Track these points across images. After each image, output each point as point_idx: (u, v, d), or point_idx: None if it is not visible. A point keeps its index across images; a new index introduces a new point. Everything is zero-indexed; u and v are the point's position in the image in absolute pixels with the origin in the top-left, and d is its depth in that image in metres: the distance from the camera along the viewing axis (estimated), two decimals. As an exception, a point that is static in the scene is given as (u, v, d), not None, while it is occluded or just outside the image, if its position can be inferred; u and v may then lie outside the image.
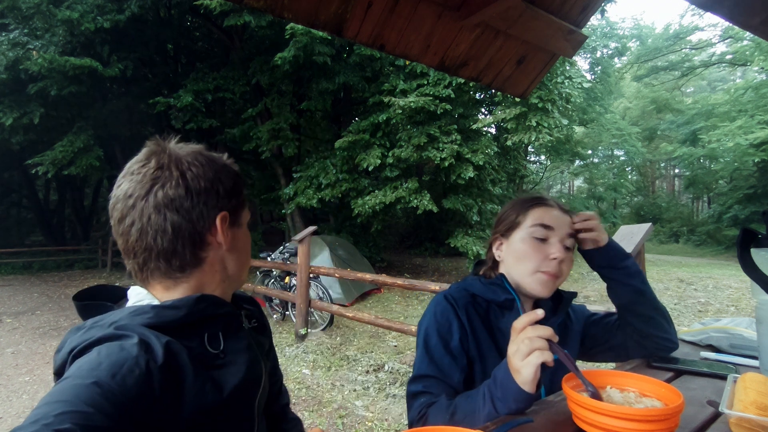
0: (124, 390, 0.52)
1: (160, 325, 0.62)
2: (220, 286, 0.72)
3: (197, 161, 0.68)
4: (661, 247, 21.34)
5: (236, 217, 0.72)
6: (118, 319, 0.61)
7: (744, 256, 0.89)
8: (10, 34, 9.82)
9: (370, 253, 11.09)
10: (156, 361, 0.57)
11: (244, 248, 0.75)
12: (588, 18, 1.63)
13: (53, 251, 15.44)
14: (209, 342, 0.67)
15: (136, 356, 0.55)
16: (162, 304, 0.65)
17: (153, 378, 0.56)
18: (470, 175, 9.19)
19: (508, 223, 1.00)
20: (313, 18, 1.30)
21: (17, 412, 3.57)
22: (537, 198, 0.99)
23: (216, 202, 0.69)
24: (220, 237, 0.69)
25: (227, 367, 0.68)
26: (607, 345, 1.07)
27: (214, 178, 0.69)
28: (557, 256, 0.91)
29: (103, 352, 0.55)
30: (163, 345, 0.59)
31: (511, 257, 0.98)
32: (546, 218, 0.94)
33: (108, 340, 0.58)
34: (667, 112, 25.58)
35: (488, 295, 0.97)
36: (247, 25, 9.47)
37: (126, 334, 0.58)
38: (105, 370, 0.53)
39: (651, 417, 0.62)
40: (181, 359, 0.61)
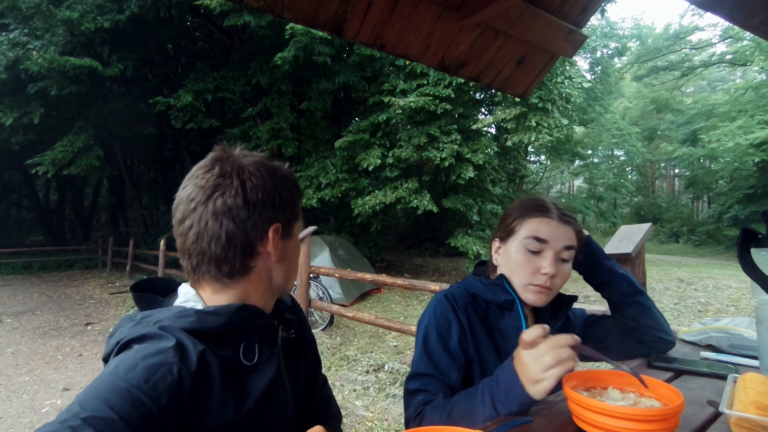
0: (154, 398, 0.55)
1: (200, 330, 0.64)
2: (264, 296, 0.74)
3: (258, 171, 0.70)
4: (661, 247, 21.34)
5: (289, 228, 0.74)
6: (163, 318, 0.64)
7: (744, 256, 0.89)
8: (10, 34, 9.82)
9: (370, 253, 11.09)
10: (189, 368, 0.60)
11: (293, 259, 0.76)
12: (588, 18, 1.63)
13: (53, 251, 15.45)
14: (244, 352, 0.69)
15: (171, 363, 0.58)
16: (204, 310, 0.67)
17: (184, 385, 0.58)
18: (470, 175, 9.19)
19: (506, 228, 0.99)
20: (313, 18, 1.30)
21: (17, 412, 3.57)
22: (538, 206, 0.97)
23: (271, 213, 0.70)
24: (270, 247, 0.70)
25: (256, 380, 0.69)
26: (606, 343, 1.08)
27: (273, 189, 0.70)
28: (547, 272, 0.91)
29: (141, 353, 0.58)
30: (198, 354, 0.61)
31: (506, 265, 0.99)
32: (541, 231, 0.93)
33: (149, 339, 0.61)
34: (667, 112, 25.57)
35: (488, 295, 0.97)
36: (247, 25, 9.47)
37: (166, 336, 0.61)
38: (140, 373, 0.55)
39: (651, 417, 0.62)
40: (212, 371, 0.63)
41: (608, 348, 1.08)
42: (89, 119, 11.37)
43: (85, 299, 8.77)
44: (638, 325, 1.02)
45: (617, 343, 1.06)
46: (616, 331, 1.06)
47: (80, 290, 9.90)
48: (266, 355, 0.72)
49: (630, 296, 1.03)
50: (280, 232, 0.71)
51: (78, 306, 8.06)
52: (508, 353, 0.92)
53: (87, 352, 5.18)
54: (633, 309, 1.02)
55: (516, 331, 0.95)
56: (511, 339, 0.95)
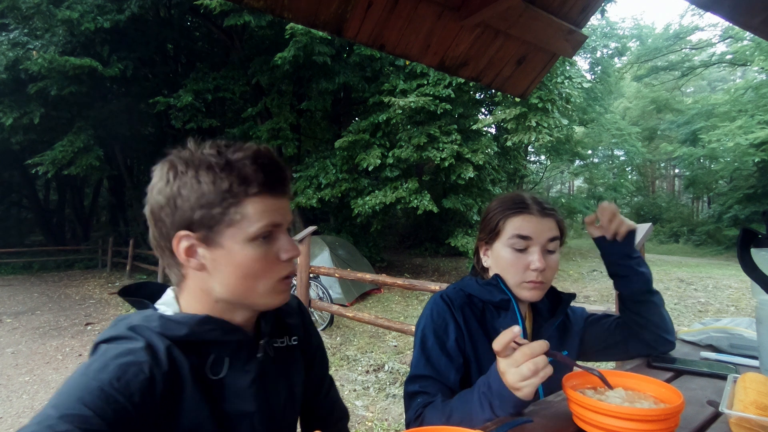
0: (127, 395, 0.55)
1: (166, 336, 0.64)
2: (216, 308, 0.68)
3: (169, 164, 0.64)
4: (661, 247, 21.33)
5: (213, 235, 0.63)
6: (134, 320, 0.64)
7: (744, 256, 0.89)
8: (10, 34, 9.82)
9: (370, 253, 11.09)
10: (161, 368, 0.60)
11: (235, 269, 0.65)
12: (588, 18, 1.63)
13: (53, 251, 15.44)
14: (212, 366, 0.66)
15: (142, 362, 0.58)
16: (169, 316, 0.66)
17: (156, 384, 0.58)
18: (470, 175, 9.19)
19: (489, 230, 1.00)
20: (313, 18, 1.30)
21: (17, 412, 3.57)
22: (517, 203, 0.97)
23: (172, 219, 0.64)
24: (182, 257, 0.65)
25: (225, 396, 0.66)
26: (606, 343, 1.08)
27: (177, 190, 0.63)
28: (537, 267, 0.92)
29: (110, 353, 0.59)
30: (166, 352, 0.61)
31: (496, 266, 0.99)
32: (525, 228, 0.94)
33: (118, 339, 0.61)
34: (667, 112, 25.56)
35: (484, 295, 0.98)
36: (247, 25, 9.47)
37: (135, 336, 0.61)
38: (111, 372, 0.55)
39: (651, 417, 0.62)
40: (183, 372, 0.62)
41: (609, 348, 1.08)
42: (89, 119, 11.36)
43: (85, 299, 8.77)
44: (645, 323, 1.02)
45: (619, 343, 1.06)
46: (618, 331, 1.06)
47: (80, 290, 9.89)
48: (238, 369, 0.68)
49: (644, 294, 1.02)
50: (193, 240, 0.64)
51: (78, 306, 8.06)
52: None
53: (87, 352, 5.16)
54: (644, 307, 1.02)
55: None
56: None
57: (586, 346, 1.10)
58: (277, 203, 0.67)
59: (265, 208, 0.65)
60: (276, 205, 0.66)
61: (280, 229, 0.68)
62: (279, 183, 0.67)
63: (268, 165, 0.66)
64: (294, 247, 0.68)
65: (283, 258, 0.68)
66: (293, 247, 0.68)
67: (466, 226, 10.13)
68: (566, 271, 11.78)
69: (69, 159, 10.45)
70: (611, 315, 1.11)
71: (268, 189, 0.65)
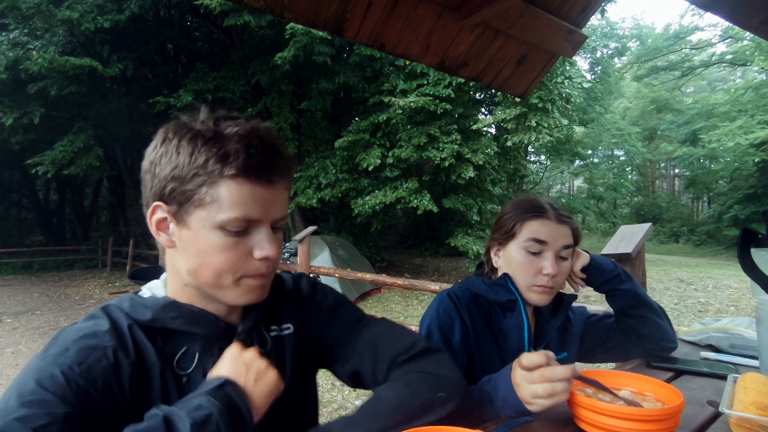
0: (90, 380, 0.53)
1: (133, 319, 0.61)
2: (186, 292, 0.63)
3: (164, 132, 0.60)
4: (661, 247, 21.32)
5: (182, 213, 0.58)
6: (112, 302, 0.62)
7: (744, 256, 0.89)
8: (10, 34, 9.82)
9: (370, 253, 11.09)
10: (127, 352, 0.57)
11: (198, 255, 0.59)
12: (588, 18, 1.63)
13: (53, 251, 15.45)
14: (180, 359, 0.61)
15: (105, 346, 0.56)
16: (140, 299, 0.63)
17: (122, 369, 0.56)
18: (470, 175, 9.19)
19: (504, 231, 1.00)
20: (313, 18, 1.30)
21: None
22: (535, 208, 0.98)
23: (150, 189, 0.60)
24: (152, 229, 0.61)
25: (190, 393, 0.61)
26: (607, 345, 1.09)
27: (156, 157, 0.59)
28: (549, 272, 0.92)
29: (72, 336, 0.56)
30: (128, 330, 0.59)
31: (507, 267, 1.00)
32: (541, 233, 0.94)
33: (87, 319, 0.60)
34: (667, 112, 25.56)
35: (491, 295, 0.98)
36: (247, 25, 9.47)
37: (101, 316, 0.59)
38: (71, 357, 0.53)
39: (651, 417, 0.62)
40: (149, 359, 0.59)
41: (609, 350, 1.09)
42: (89, 119, 11.37)
43: (85, 299, 8.77)
44: (641, 335, 1.03)
45: (618, 345, 1.07)
46: (618, 334, 1.07)
47: (80, 290, 9.89)
48: (207, 365, 0.61)
49: (631, 309, 1.02)
50: (165, 213, 0.59)
51: (78, 306, 8.06)
52: (509, 352, 0.92)
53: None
54: (634, 320, 1.03)
55: (518, 331, 0.95)
56: (513, 338, 0.96)
57: (587, 346, 1.10)
58: (260, 194, 0.58)
59: (241, 196, 0.56)
60: (258, 196, 0.57)
61: (258, 226, 0.59)
62: (265, 169, 0.57)
63: (256, 146, 0.57)
64: (272, 247, 0.59)
65: (257, 256, 0.59)
66: (271, 248, 0.59)
67: (466, 226, 10.12)
68: (566, 271, 11.76)
69: (69, 159, 10.46)
70: (612, 315, 1.11)
71: (248, 174, 0.56)
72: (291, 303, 0.75)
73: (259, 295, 0.63)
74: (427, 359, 0.70)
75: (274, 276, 0.73)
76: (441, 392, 0.64)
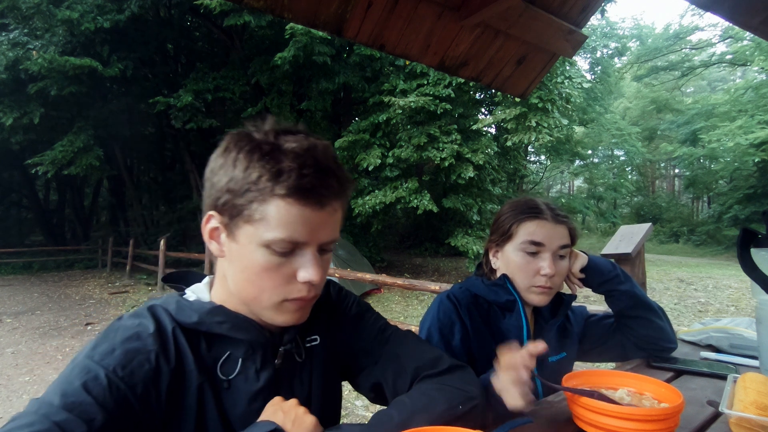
0: (131, 385, 0.53)
1: (177, 321, 0.61)
2: (231, 301, 0.63)
3: (224, 141, 0.61)
4: (661, 247, 21.32)
5: (233, 227, 0.59)
6: (158, 301, 0.63)
7: (744, 256, 0.89)
8: (10, 34, 9.82)
9: (370, 253, 11.09)
10: (168, 359, 0.58)
11: (246, 269, 0.59)
12: (588, 18, 1.63)
13: (53, 251, 15.45)
14: (223, 364, 0.62)
15: (149, 350, 0.56)
16: (187, 302, 0.63)
17: (161, 376, 0.56)
18: (470, 174, 9.19)
19: (502, 233, 1.00)
20: (313, 18, 1.30)
21: (17, 412, 3.57)
22: (531, 209, 0.98)
23: (209, 199, 0.60)
24: (205, 237, 0.62)
25: (234, 400, 0.61)
26: (606, 345, 1.09)
27: (216, 166, 0.60)
28: (547, 273, 0.93)
29: (120, 334, 0.57)
30: (172, 333, 0.59)
31: (505, 269, 1.00)
32: (538, 234, 0.95)
33: (135, 316, 0.61)
34: (667, 112, 25.56)
35: (490, 296, 0.99)
36: (247, 25, 9.47)
37: (148, 317, 0.60)
38: (117, 359, 0.54)
39: (651, 417, 0.62)
40: (188, 364, 0.59)
41: (609, 349, 1.09)
42: (89, 119, 11.37)
43: (85, 299, 8.77)
44: (637, 335, 1.03)
45: (617, 345, 1.07)
46: (617, 334, 1.07)
47: (80, 290, 9.89)
48: (250, 373, 0.63)
49: (630, 309, 1.02)
50: (218, 223, 0.60)
51: (78, 306, 8.06)
52: None
53: (87, 352, 5.17)
54: (633, 321, 1.03)
55: (517, 331, 0.96)
56: (512, 338, 0.96)
57: (586, 346, 1.10)
58: (309, 216, 0.56)
59: (289, 216, 0.55)
60: (306, 218, 0.56)
61: (304, 248, 0.58)
62: (315, 192, 0.56)
63: (310, 165, 0.55)
64: (316, 271, 0.58)
65: (300, 278, 0.58)
66: (315, 272, 0.58)
67: (466, 226, 10.11)
68: (566, 271, 11.76)
69: (69, 159, 10.45)
70: (611, 315, 1.12)
71: (298, 195, 0.55)
72: (318, 312, 0.73)
73: (298, 318, 0.63)
74: (451, 375, 0.69)
75: None
76: (459, 405, 0.63)
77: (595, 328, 1.11)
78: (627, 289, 1.01)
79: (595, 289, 1.04)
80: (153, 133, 15.26)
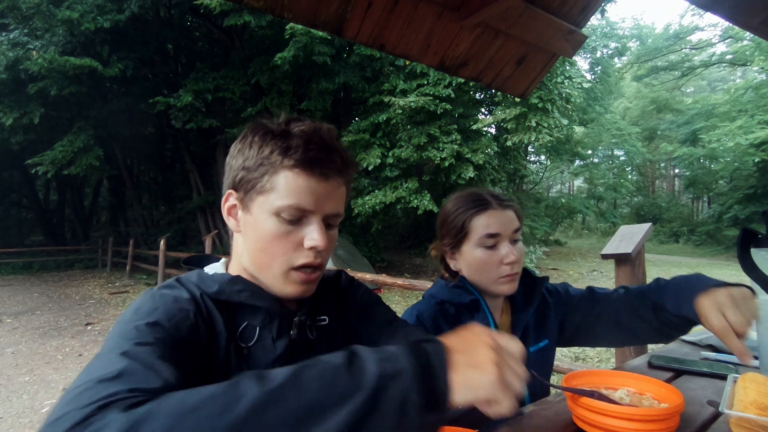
0: (179, 332, 0.56)
1: (201, 289, 0.66)
2: (246, 273, 0.69)
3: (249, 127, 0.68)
4: (661, 247, 21.32)
5: (248, 201, 0.65)
6: (182, 276, 0.68)
7: (744, 256, 0.89)
8: (10, 34, 9.83)
9: (370, 253, 11.09)
10: (203, 318, 0.62)
11: (257, 241, 0.65)
12: (588, 18, 1.63)
13: (53, 251, 15.45)
14: (242, 332, 0.66)
15: (188, 310, 0.60)
16: (205, 273, 0.69)
17: (200, 332, 0.60)
18: (470, 174, 9.20)
19: (455, 233, 0.98)
20: (313, 18, 1.30)
21: (17, 412, 3.57)
22: (477, 201, 0.96)
23: (230, 177, 0.67)
24: (225, 214, 0.69)
25: (251, 367, 0.64)
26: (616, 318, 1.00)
27: (235, 151, 0.67)
28: (511, 260, 0.92)
29: (158, 300, 0.61)
30: (200, 298, 0.63)
31: (468, 269, 0.98)
32: (492, 226, 0.94)
33: (167, 287, 0.65)
34: (667, 112, 25.57)
35: (456, 298, 0.98)
36: (247, 25, 9.48)
37: (179, 287, 0.65)
38: (161, 313, 0.57)
39: (651, 417, 0.62)
40: (218, 326, 0.63)
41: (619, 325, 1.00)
42: (89, 119, 11.37)
43: (85, 299, 8.77)
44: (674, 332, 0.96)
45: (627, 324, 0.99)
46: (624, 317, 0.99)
47: (80, 290, 9.89)
48: (267, 342, 0.66)
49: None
50: (235, 200, 0.67)
51: (78, 306, 8.06)
52: None
53: (87, 352, 5.17)
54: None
55: None
56: None
57: (571, 329, 1.05)
58: (315, 186, 0.62)
59: (297, 186, 0.62)
60: (312, 188, 0.62)
61: (311, 216, 0.64)
62: (320, 163, 0.62)
63: (316, 142, 0.63)
64: (322, 238, 0.63)
65: (306, 245, 0.63)
66: (321, 238, 0.63)
67: (466, 226, 10.12)
68: (566, 271, 11.78)
69: (69, 159, 10.46)
70: (599, 291, 1.05)
71: (305, 166, 0.62)
72: (329, 295, 0.78)
73: (304, 291, 0.67)
74: None
75: None
76: None
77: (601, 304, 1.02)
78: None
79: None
80: (153, 133, 15.26)
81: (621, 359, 2.17)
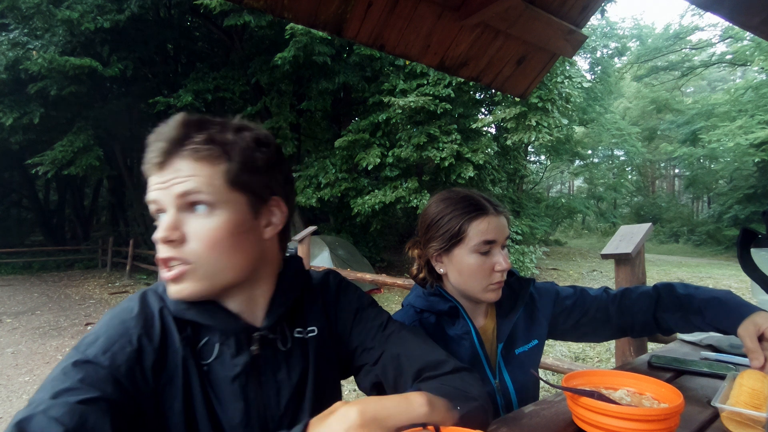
0: (114, 366, 0.56)
1: (165, 303, 0.64)
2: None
3: None
4: (661, 247, 21.32)
5: None
6: (152, 286, 0.66)
7: (744, 256, 0.89)
8: (10, 34, 9.83)
9: (370, 253, 11.09)
10: (151, 339, 0.60)
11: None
12: (588, 18, 1.63)
13: (53, 251, 15.44)
14: (202, 349, 0.64)
15: (131, 333, 0.59)
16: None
17: (144, 356, 0.59)
18: (470, 174, 9.20)
19: (450, 236, 0.93)
20: (313, 18, 1.30)
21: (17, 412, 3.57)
22: (475, 206, 0.93)
23: None
24: None
25: (212, 385, 0.63)
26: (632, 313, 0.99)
27: None
28: (503, 267, 0.90)
29: (106, 323, 0.61)
30: (159, 313, 0.62)
31: (457, 274, 0.94)
32: (489, 232, 0.91)
33: (126, 303, 0.64)
34: (667, 112, 25.56)
35: (435, 306, 0.96)
36: (247, 25, 9.48)
37: (135, 301, 0.64)
38: (100, 346, 0.57)
39: (651, 417, 0.62)
40: (173, 344, 0.61)
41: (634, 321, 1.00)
42: (89, 119, 11.37)
43: (85, 299, 8.77)
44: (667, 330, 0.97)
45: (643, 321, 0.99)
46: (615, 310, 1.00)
47: (80, 290, 9.89)
48: (226, 359, 0.63)
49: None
50: None
51: (78, 306, 8.06)
52: (462, 359, 0.90)
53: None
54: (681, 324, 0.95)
55: (467, 336, 0.94)
56: (465, 344, 0.94)
57: (560, 326, 1.04)
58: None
59: None
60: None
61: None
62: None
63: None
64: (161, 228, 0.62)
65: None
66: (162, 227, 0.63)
67: (466, 226, 10.12)
68: (566, 271, 11.78)
69: (69, 159, 10.46)
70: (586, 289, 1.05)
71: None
72: (317, 302, 0.75)
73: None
74: (452, 376, 0.66)
75: (303, 274, 0.75)
76: (457, 405, 0.59)
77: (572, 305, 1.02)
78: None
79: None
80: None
81: (621, 359, 2.17)
